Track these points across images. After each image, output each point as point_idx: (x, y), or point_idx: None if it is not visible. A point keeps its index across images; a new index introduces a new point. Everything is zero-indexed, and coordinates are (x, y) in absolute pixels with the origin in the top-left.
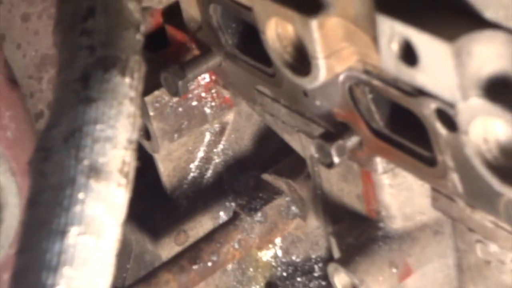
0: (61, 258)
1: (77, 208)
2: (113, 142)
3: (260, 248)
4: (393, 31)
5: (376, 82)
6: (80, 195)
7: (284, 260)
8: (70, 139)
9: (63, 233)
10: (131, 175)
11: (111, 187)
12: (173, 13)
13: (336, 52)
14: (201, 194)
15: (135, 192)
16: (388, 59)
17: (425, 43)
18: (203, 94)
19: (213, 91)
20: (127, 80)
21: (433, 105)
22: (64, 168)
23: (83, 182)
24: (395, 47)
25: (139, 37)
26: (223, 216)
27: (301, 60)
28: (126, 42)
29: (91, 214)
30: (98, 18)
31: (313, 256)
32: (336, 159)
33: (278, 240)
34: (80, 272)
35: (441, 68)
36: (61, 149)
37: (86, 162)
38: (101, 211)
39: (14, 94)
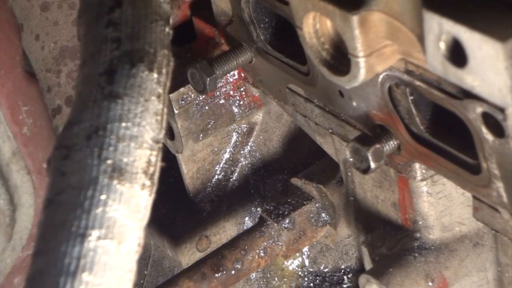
0: (80, 263)
1: (99, 210)
2: (139, 141)
3: (286, 257)
4: (441, 29)
5: (418, 83)
6: (102, 197)
7: (311, 269)
8: (93, 137)
9: (83, 236)
10: (156, 176)
11: (135, 188)
12: (201, 5)
13: (378, 50)
14: (226, 198)
15: (155, 194)
16: (434, 59)
17: (476, 42)
18: (231, 92)
19: (241, 89)
20: (155, 75)
21: (479, 109)
22: (86, 167)
23: (105, 183)
24: (442, 46)
25: (168, 30)
26: (248, 221)
27: (339, 58)
28: (154, 35)
29: (113, 217)
30: (126, 9)
31: (343, 267)
32: (372, 164)
33: (306, 249)
34: (99, 278)
35: (492, 69)
36: (83, 147)
37: (109, 162)
38: (124, 214)
39: (32, 88)
